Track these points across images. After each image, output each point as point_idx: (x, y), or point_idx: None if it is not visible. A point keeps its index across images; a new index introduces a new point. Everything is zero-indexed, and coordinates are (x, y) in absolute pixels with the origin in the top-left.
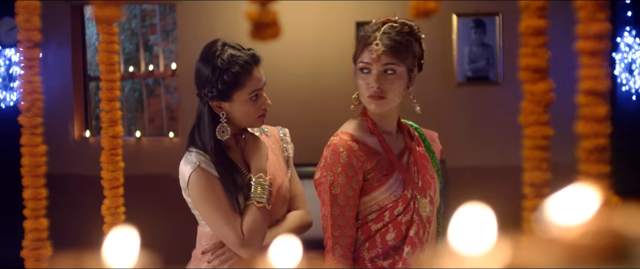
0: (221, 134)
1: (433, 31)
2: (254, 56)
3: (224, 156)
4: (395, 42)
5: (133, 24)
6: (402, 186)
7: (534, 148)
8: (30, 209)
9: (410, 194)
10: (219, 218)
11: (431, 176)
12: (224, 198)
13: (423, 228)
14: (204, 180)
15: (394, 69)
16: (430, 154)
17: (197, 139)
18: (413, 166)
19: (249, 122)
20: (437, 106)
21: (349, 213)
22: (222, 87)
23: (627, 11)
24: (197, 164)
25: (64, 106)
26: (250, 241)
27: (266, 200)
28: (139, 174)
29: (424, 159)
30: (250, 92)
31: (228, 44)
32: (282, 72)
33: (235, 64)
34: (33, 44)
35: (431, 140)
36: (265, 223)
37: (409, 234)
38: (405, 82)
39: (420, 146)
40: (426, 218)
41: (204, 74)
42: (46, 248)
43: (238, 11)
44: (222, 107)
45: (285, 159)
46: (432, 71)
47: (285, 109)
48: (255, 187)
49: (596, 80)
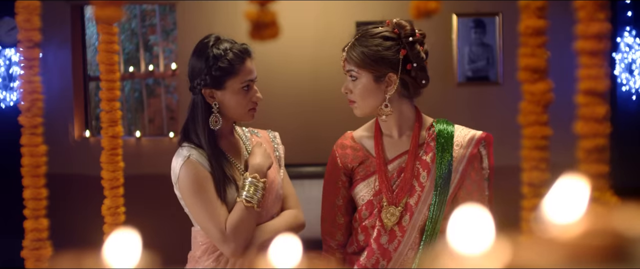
0: (214, 123)
1: (433, 31)
2: (247, 49)
3: (216, 146)
4: (355, 50)
5: (133, 24)
6: (377, 189)
7: (533, 148)
8: (30, 209)
9: (376, 201)
10: (205, 211)
11: (420, 185)
12: (212, 192)
13: (389, 236)
14: (193, 173)
15: (354, 75)
16: (442, 160)
17: (191, 132)
18: (401, 172)
19: (239, 114)
20: (437, 106)
21: (328, 208)
22: (216, 74)
23: (627, 11)
24: (187, 157)
25: (64, 106)
26: (232, 238)
27: (256, 201)
28: (139, 174)
29: (422, 167)
30: (243, 81)
31: (221, 37)
32: (281, 72)
33: (229, 52)
34: (33, 44)
35: (462, 146)
36: (251, 222)
37: (370, 239)
38: (375, 89)
39: (429, 153)
40: (391, 226)
41: (197, 66)
42: (46, 248)
43: (238, 11)
44: (214, 96)
45: (277, 159)
46: (432, 71)
47: (284, 109)
48: (249, 186)
49: (596, 80)
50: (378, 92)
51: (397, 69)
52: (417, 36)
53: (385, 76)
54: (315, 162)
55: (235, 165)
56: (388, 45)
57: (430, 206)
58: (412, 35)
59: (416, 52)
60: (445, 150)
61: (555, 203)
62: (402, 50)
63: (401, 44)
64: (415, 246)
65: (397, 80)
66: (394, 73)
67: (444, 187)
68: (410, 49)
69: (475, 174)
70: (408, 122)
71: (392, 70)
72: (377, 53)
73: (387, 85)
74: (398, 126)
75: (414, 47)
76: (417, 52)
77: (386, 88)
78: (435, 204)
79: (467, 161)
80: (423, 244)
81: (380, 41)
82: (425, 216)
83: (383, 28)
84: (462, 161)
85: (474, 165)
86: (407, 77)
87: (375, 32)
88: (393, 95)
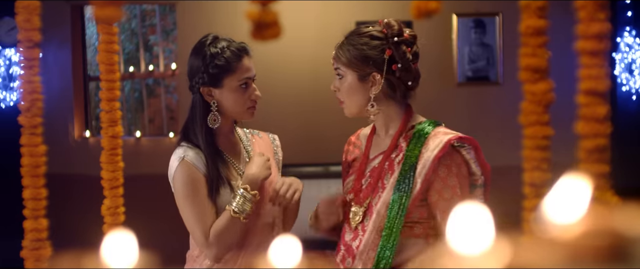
0: (212, 122)
1: (433, 31)
2: (244, 47)
3: (214, 145)
4: (342, 49)
5: (133, 24)
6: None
7: (534, 148)
8: (30, 209)
9: (348, 198)
10: (192, 213)
11: (382, 186)
12: (203, 196)
13: (353, 235)
14: (185, 175)
15: (340, 74)
16: (407, 161)
17: (190, 131)
18: (373, 172)
19: (238, 112)
20: (437, 106)
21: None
22: (213, 72)
23: (627, 11)
24: (182, 157)
25: (64, 106)
26: (214, 244)
27: (244, 213)
28: (139, 174)
29: (389, 168)
30: (240, 79)
31: (219, 36)
32: (281, 72)
33: (226, 50)
34: (33, 44)
35: (429, 149)
36: (235, 232)
37: (344, 236)
38: (360, 88)
39: (399, 154)
40: (356, 226)
41: (195, 64)
42: (46, 248)
43: (238, 11)
44: (212, 95)
45: (276, 162)
46: (432, 71)
47: (284, 109)
48: (239, 198)
49: (596, 80)
50: (363, 92)
51: (382, 69)
52: (405, 37)
53: (369, 75)
54: (315, 162)
55: (233, 165)
56: (374, 45)
57: (389, 208)
58: (398, 36)
59: (402, 53)
60: (414, 151)
61: (556, 203)
62: (388, 50)
63: (387, 43)
64: (374, 246)
65: (382, 80)
66: (379, 73)
67: (403, 190)
68: (396, 49)
69: (448, 177)
70: (394, 122)
71: (377, 70)
72: (362, 52)
73: (371, 84)
74: (385, 126)
75: (400, 47)
76: (403, 52)
77: (371, 88)
78: (394, 206)
79: (432, 163)
80: (381, 245)
81: (367, 40)
82: (383, 217)
83: (373, 27)
84: (426, 165)
85: (446, 169)
86: (392, 77)
87: (364, 31)
88: (379, 95)
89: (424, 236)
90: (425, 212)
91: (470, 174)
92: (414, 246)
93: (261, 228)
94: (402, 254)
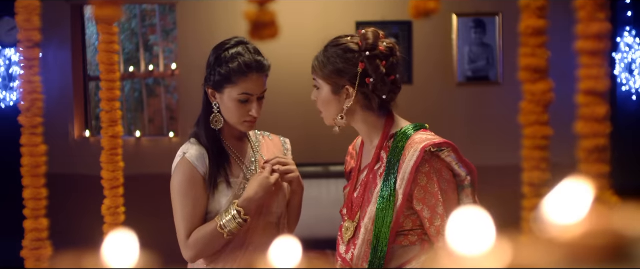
0: (214, 123)
1: (433, 31)
2: (259, 64)
3: (218, 142)
4: (318, 60)
5: (133, 24)
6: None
7: (534, 148)
8: (30, 209)
9: (342, 211)
10: (181, 211)
11: (368, 199)
12: (195, 197)
13: (346, 247)
14: (183, 173)
15: (316, 85)
16: (389, 173)
17: (198, 126)
18: (362, 184)
19: (233, 122)
20: (437, 106)
21: None
22: (217, 78)
23: (627, 11)
24: (183, 155)
25: (64, 106)
26: (191, 247)
27: (228, 231)
28: (139, 174)
29: (373, 181)
30: (241, 93)
31: (243, 43)
32: (281, 72)
33: (235, 61)
34: (33, 44)
35: (407, 158)
36: (215, 243)
37: (338, 249)
38: (334, 100)
39: (381, 167)
40: (348, 240)
41: (210, 61)
42: (46, 248)
43: (238, 11)
44: (215, 97)
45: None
46: (432, 71)
47: (284, 109)
48: (231, 217)
49: (596, 80)
50: (337, 104)
51: (355, 82)
52: (380, 49)
53: (343, 88)
54: (315, 162)
55: (238, 164)
56: (347, 58)
57: (375, 221)
58: (371, 49)
59: (375, 67)
60: (392, 163)
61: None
62: (361, 64)
63: (361, 57)
64: (366, 258)
65: (354, 93)
66: (351, 86)
67: (386, 204)
68: (369, 63)
69: (428, 185)
70: (377, 131)
71: (350, 83)
72: (335, 66)
73: (346, 97)
74: (369, 136)
75: (374, 61)
76: (376, 66)
77: (345, 100)
78: (378, 220)
79: (410, 175)
80: (370, 258)
81: (341, 53)
82: (371, 231)
83: (350, 39)
84: (405, 176)
85: (425, 177)
86: (366, 90)
87: (340, 42)
88: (355, 107)
89: (420, 242)
90: (418, 219)
91: (455, 176)
92: (410, 253)
93: (264, 227)
94: (396, 261)
